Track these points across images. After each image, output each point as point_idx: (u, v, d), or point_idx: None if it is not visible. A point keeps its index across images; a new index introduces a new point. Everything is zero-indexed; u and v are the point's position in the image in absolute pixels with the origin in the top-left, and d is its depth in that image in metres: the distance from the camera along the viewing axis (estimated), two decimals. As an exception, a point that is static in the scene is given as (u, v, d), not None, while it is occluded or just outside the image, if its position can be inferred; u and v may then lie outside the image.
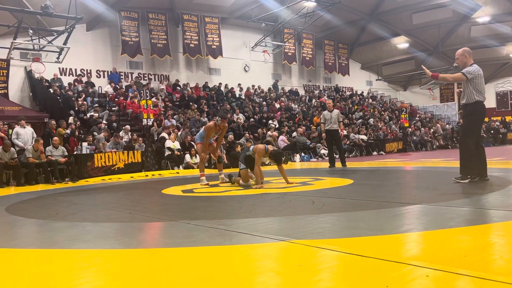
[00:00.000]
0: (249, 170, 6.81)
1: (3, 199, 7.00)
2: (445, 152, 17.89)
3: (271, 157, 6.79)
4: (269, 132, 17.18)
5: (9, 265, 2.71)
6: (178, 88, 20.05)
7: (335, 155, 10.94)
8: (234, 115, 18.84)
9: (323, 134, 11.07)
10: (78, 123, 13.94)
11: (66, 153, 11.09)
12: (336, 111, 10.75)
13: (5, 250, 3.09)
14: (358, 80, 29.53)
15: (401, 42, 28.03)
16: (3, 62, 15.54)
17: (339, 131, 10.69)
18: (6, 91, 15.64)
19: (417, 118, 25.86)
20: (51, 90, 15.74)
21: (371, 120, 22.99)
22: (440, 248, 2.49)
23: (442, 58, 27.48)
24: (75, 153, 11.77)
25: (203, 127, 8.01)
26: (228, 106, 19.65)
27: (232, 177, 7.26)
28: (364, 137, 19.17)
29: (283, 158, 7.07)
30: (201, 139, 7.69)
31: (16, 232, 4.00)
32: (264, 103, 21.68)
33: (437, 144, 22.40)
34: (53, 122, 12.10)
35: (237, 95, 22.02)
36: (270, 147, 6.93)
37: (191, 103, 18.68)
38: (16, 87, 16.61)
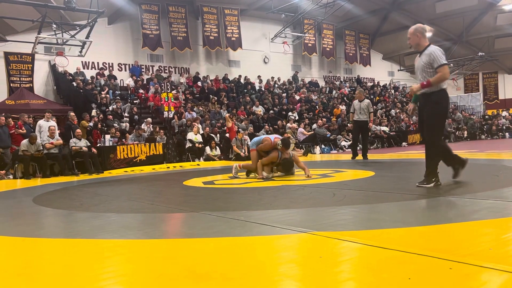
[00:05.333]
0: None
1: (30, 190, 7.20)
2: (469, 144, 17.53)
3: (282, 167, 6.84)
4: (288, 124, 17.14)
5: (36, 254, 2.79)
6: (200, 82, 20.13)
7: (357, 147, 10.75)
8: (254, 107, 18.84)
9: (350, 124, 10.68)
10: (101, 116, 14.17)
11: (89, 145, 11.32)
12: (366, 101, 10.22)
13: (32, 239, 3.18)
14: (379, 71, 29.09)
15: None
16: (28, 57, 15.89)
17: (369, 122, 10.19)
18: (31, 85, 16.01)
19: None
20: (74, 84, 16.03)
21: (393, 111, 22.67)
22: (464, 241, 2.45)
23: (467, 48, 26.81)
24: (98, 145, 11.99)
25: (263, 136, 7.33)
26: (248, 98, 19.67)
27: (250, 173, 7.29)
28: (386, 128, 18.92)
29: (292, 168, 6.95)
30: (256, 145, 7.12)
31: (43, 222, 4.11)
32: (284, 94, 21.60)
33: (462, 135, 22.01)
34: (72, 114, 12.31)
35: (257, 87, 22.00)
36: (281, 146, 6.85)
37: (211, 96, 18.76)
38: (41, 80, 16.99)
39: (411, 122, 21.51)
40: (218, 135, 15.12)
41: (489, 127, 22.96)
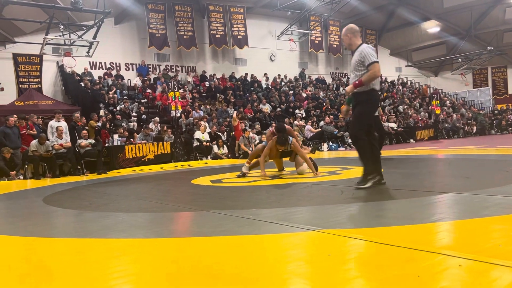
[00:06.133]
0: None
1: (40, 190, 7.26)
2: (478, 139, 17.38)
3: (275, 129, 6.76)
4: (295, 122, 17.10)
5: (47, 254, 2.82)
6: (207, 81, 20.16)
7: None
8: (261, 105, 18.83)
9: None
10: (109, 115, 14.26)
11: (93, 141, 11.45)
12: None
13: (43, 239, 3.21)
14: (387, 67, 28.86)
15: (432, 27, 27.20)
16: (36, 58, 16.02)
17: (380, 116, 10.19)
18: (40, 86, 16.15)
19: (448, 104, 25.17)
20: (82, 84, 16.14)
21: (401, 108, 22.55)
22: (473, 238, 2.44)
23: (475, 42, 26.54)
24: (106, 145, 12.06)
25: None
26: (255, 96, 19.65)
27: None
28: (393, 125, 18.83)
29: (285, 141, 6.67)
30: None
31: (53, 222, 4.15)
32: (291, 92, 21.57)
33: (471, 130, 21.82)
34: (77, 115, 12.40)
35: (264, 85, 21.98)
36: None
37: (217, 94, 18.78)
38: (49, 81, 17.12)
39: (419, 118, 21.38)
40: (225, 133, 15.14)
41: (499, 122, 22.74)
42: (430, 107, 22.84)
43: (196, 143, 13.74)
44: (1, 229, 3.81)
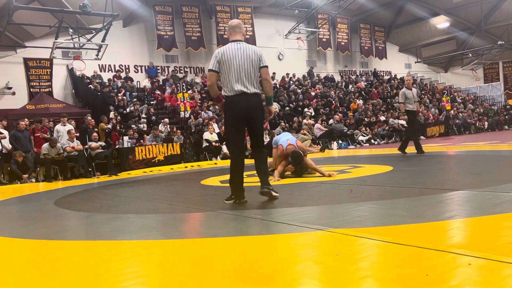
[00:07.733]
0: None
1: (51, 193, 7.34)
2: (490, 135, 17.19)
3: (291, 158, 6.23)
4: (304, 120, 17.08)
5: (58, 256, 2.85)
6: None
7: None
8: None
9: (405, 116, 9.88)
10: (119, 117, 14.36)
11: (103, 144, 11.57)
12: (415, 90, 9.63)
13: (54, 242, 3.25)
14: (396, 64, 28.70)
15: (441, 22, 26.94)
16: (46, 62, 16.21)
17: (417, 112, 9.83)
18: (50, 89, 16.34)
19: (459, 99, 24.91)
20: (92, 87, 16.28)
21: (411, 104, 22.37)
22: (484, 236, 2.41)
23: (486, 37, 26.22)
24: (117, 147, 12.15)
25: (280, 140, 7.00)
26: (263, 95, 19.63)
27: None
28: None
29: (302, 172, 6.38)
30: (276, 144, 6.81)
31: (64, 225, 4.19)
32: (299, 91, 21.51)
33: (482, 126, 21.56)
34: (89, 117, 12.52)
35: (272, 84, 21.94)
36: (291, 147, 6.36)
37: (226, 94, 18.79)
38: (60, 85, 17.30)
39: (430, 114, 21.20)
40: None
41: (511, 117, 22.45)
42: (440, 103, 22.62)
43: (205, 144, 13.79)
44: (13, 232, 3.86)
